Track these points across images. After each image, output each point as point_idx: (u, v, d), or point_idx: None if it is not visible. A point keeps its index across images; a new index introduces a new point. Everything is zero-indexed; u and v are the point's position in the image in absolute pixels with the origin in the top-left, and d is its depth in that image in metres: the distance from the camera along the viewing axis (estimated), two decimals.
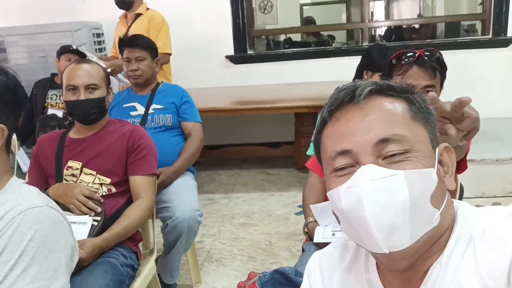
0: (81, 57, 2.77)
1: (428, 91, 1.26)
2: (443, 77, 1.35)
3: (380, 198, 0.58)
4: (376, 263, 0.70)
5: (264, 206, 3.02)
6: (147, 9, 3.09)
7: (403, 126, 0.62)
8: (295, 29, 5.39)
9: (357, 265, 0.73)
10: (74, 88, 1.58)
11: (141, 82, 2.21)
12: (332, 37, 5.48)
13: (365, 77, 1.95)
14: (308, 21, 5.64)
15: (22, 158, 2.63)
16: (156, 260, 1.92)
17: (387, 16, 6.18)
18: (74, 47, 2.88)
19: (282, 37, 5.25)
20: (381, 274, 0.69)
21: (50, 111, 3.04)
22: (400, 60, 1.33)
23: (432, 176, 0.61)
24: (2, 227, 0.90)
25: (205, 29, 3.91)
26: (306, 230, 1.42)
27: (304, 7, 6.51)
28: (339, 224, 0.67)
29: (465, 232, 0.63)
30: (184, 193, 1.94)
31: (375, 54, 1.97)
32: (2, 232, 0.90)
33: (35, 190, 1.04)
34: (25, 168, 2.55)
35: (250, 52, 4.01)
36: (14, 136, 2.65)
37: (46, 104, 3.13)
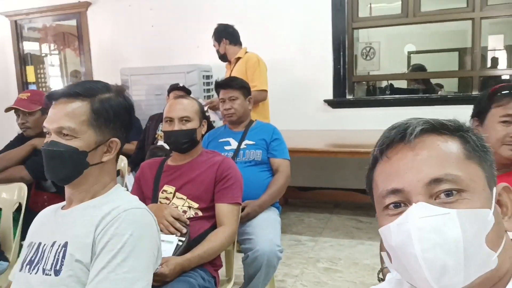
0: (187, 94, 3.06)
1: None
2: None
3: (430, 236, 0.58)
4: None
5: (351, 254, 2.91)
6: (246, 52, 3.34)
7: (456, 165, 0.61)
8: (398, 75, 5.28)
9: None
10: (170, 120, 1.77)
11: (234, 119, 2.36)
12: (440, 86, 5.22)
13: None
14: (417, 69, 5.47)
15: (130, 182, 2.92)
16: None
17: (509, 65, 5.73)
18: (181, 85, 3.23)
19: (384, 83, 5.17)
20: None
21: (160, 143, 3.37)
22: (499, 92, 1.33)
23: (488, 217, 0.59)
24: (109, 220, 1.05)
25: (306, 73, 4.04)
26: (381, 276, 1.36)
27: (412, 55, 6.36)
28: (391, 262, 0.66)
29: None
30: (267, 227, 1.98)
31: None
32: (109, 225, 1.04)
33: (136, 197, 1.20)
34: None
35: (349, 97, 4.02)
36: (125, 161, 2.94)
37: (156, 136, 3.48)
